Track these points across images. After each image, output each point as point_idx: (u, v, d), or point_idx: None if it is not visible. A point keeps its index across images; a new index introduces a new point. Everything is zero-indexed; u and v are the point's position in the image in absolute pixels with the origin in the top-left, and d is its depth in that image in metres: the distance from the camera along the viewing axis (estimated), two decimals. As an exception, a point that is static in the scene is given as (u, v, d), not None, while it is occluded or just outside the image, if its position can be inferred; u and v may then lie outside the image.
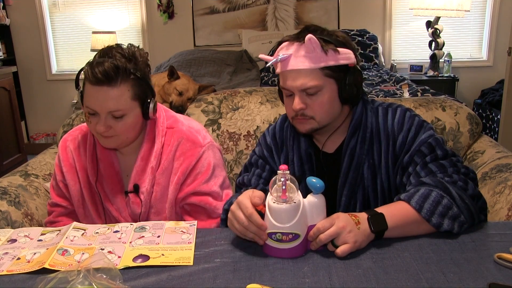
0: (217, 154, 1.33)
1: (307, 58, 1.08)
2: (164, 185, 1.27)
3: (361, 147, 1.18)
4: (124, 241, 1.02)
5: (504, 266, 0.88)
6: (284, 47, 1.13)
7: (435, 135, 1.15)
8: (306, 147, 1.24)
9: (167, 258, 0.94)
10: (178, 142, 1.27)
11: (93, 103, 1.15)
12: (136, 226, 1.10)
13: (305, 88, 1.10)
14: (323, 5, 4.33)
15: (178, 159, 1.27)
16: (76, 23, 4.61)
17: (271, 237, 0.94)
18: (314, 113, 1.13)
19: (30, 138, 4.80)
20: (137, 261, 0.93)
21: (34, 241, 1.05)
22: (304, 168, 1.24)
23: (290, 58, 1.10)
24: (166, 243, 1.01)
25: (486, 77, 4.23)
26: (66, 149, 1.34)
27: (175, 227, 1.10)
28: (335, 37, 1.12)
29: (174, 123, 1.31)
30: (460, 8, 3.67)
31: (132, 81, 1.16)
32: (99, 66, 1.11)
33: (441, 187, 1.03)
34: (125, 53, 1.15)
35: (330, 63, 1.09)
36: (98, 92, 1.13)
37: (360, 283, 0.84)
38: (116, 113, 1.16)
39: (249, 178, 1.29)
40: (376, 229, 0.96)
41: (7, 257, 0.97)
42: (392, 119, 1.19)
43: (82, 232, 1.07)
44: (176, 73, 2.04)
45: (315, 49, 1.07)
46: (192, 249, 0.99)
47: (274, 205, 0.93)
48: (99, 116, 1.16)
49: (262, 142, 1.33)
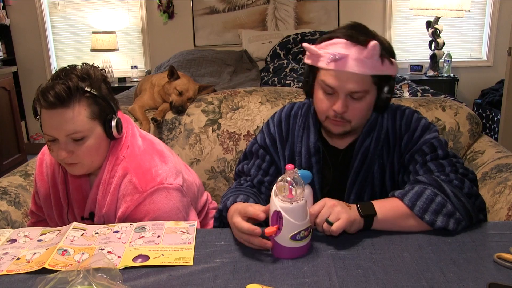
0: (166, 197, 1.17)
1: (365, 63, 1.05)
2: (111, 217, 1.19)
3: (374, 147, 1.19)
4: (124, 241, 1.02)
5: (504, 266, 0.88)
6: (340, 45, 1.07)
7: (439, 137, 1.17)
8: (316, 140, 1.22)
9: (167, 258, 0.94)
10: (122, 181, 1.17)
11: (50, 128, 1.09)
12: (136, 226, 1.10)
13: (353, 92, 1.08)
14: (323, 5, 4.33)
15: (120, 199, 1.17)
16: (76, 23, 4.61)
17: (295, 238, 0.93)
18: (352, 118, 1.12)
19: (30, 138, 4.80)
20: (137, 261, 0.93)
21: (34, 241, 1.05)
22: (311, 161, 1.22)
23: (347, 59, 1.06)
24: (166, 243, 1.01)
25: (486, 77, 4.23)
26: (43, 163, 1.29)
27: (175, 227, 1.10)
28: (389, 48, 1.11)
29: (129, 156, 1.19)
30: (460, 8, 3.67)
31: (88, 99, 1.10)
32: (50, 89, 1.05)
33: (436, 185, 1.05)
34: (77, 73, 1.10)
35: (382, 71, 1.09)
36: (52, 116, 1.07)
37: (360, 283, 0.84)
38: (75, 135, 1.09)
39: (249, 168, 1.28)
40: (365, 213, 0.99)
41: (7, 257, 0.97)
42: (400, 120, 1.20)
43: (82, 232, 1.07)
44: (176, 73, 2.03)
45: (374, 56, 1.06)
46: (192, 249, 0.98)
47: (292, 206, 0.92)
48: (59, 142, 1.10)
49: (265, 130, 1.31)
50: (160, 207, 1.16)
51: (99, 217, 1.20)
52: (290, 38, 3.88)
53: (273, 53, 3.86)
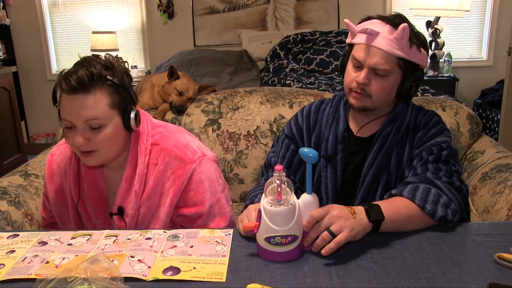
0: (211, 166, 1.23)
1: (393, 42, 1.12)
2: (153, 207, 1.20)
3: (394, 134, 1.23)
4: (156, 250, 0.98)
5: (504, 266, 0.88)
6: (375, 23, 1.16)
7: (451, 143, 1.20)
8: (344, 128, 1.28)
9: (199, 272, 0.89)
10: (166, 162, 1.19)
11: (69, 114, 1.08)
12: (169, 234, 1.05)
13: (376, 68, 1.15)
14: (323, 5, 4.33)
15: (169, 179, 1.19)
16: (76, 23, 4.61)
17: (270, 241, 0.92)
18: (373, 92, 1.18)
19: (30, 138, 4.80)
20: (167, 273, 0.88)
21: (64, 245, 1.03)
22: (338, 148, 1.28)
23: (378, 35, 1.14)
24: (199, 254, 0.96)
25: (486, 77, 4.23)
26: (52, 164, 1.28)
27: (209, 236, 1.05)
28: (421, 38, 1.18)
29: (160, 139, 1.22)
30: (460, 8, 3.67)
31: (109, 88, 1.10)
32: (73, 74, 1.06)
33: (426, 181, 1.09)
34: (101, 61, 1.11)
35: (409, 56, 1.14)
36: (73, 101, 1.07)
37: (360, 283, 0.84)
38: (94, 122, 1.08)
39: (275, 160, 1.36)
40: (374, 218, 0.97)
41: (37, 260, 0.96)
42: (421, 117, 1.25)
43: (114, 239, 1.04)
44: (176, 73, 2.03)
45: (404, 38, 1.12)
46: (226, 263, 0.92)
47: (272, 208, 0.92)
48: (76, 129, 1.09)
49: (293, 121, 1.38)
50: (209, 176, 1.20)
51: (134, 210, 1.18)
52: (290, 38, 3.88)
53: (273, 53, 3.86)
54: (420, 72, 1.19)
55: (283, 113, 1.83)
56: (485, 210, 1.49)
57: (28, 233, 1.11)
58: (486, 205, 1.48)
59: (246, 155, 1.83)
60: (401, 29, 1.10)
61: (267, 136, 1.82)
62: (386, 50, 1.13)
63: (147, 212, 1.20)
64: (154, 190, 1.19)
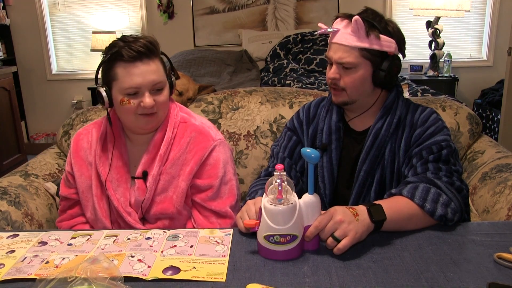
0: (228, 151, 1.35)
1: (350, 36, 1.18)
2: (173, 175, 1.28)
3: (386, 129, 1.25)
4: (156, 250, 0.99)
5: (504, 266, 0.88)
6: (337, 21, 1.24)
7: (450, 142, 1.21)
8: (337, 119, 1.32)
9: (199, 272, 0.89)
10: (191, 136, 1.30)
11: (136, 79, 1.17)
12: (169, 234, 1.07)
13: (341, 62, 1.21)
14: (323, 5, 4.33)
15: (190, 151, 1.29)
16: (76, 23, 4.61)
17: (269, 239, 0.93)
18: (345, 86, 1.23)
19: (30, 138, 4.80)
20: (167, 273, 0.89)
21: (64, 245, 1.03)
22: (332, 138, 1.32)
23: (338, 32, 1.21)
24: (199, 254, 0.96)
25: (486, 77, 4.23)
26: (78, 143, 1.36)
27: (209, 235, 1.06)
28: (384, 25, 1.20)
29: (188, 118, 1.34)
30: (460, 8, 3.67)
31: (160, 59, 1.24)
32: (135, 42, 1.16)
33: (426, 181, 1.10)
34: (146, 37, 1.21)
35: (370, 46, 1.18)
36: (138, 67, 1.17)
37: (360, 283, 0.84)
38: (158, 85, 1.20)
39: (277, 151, 1.42)
40: (377, 218, 0.97)
41: (37, 260, 0.96)
42: (419, 114, 1.26)
43: (113, 239, 1.05)
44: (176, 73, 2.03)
45: (359, 30, 1.17)
46: (226, 263, 0.93)
47: (271, 207, 0.92)
48: (141, 94, 1.19)
49: (295, 115, 1.45)
50: (225, 158, 1.32)
51: (157, 175, 1.27)
52: (290, 38, 3.88)
53: (273, 53, 3.86)
54: (391, 58, 1.21)
55: (283, 113, 1.83)
56: (485, 210, 1.49)
57: (28, 233, 1.11)
58: (486, 205, 1.48)
59: (246, 155, 1.83)
60: (353, 22, 1.16)
61: (267, 136, 1.82)
62: (346, 44, 1.19)
63: (167, 179, 1.28)
64: (177, 160, 1.28)
